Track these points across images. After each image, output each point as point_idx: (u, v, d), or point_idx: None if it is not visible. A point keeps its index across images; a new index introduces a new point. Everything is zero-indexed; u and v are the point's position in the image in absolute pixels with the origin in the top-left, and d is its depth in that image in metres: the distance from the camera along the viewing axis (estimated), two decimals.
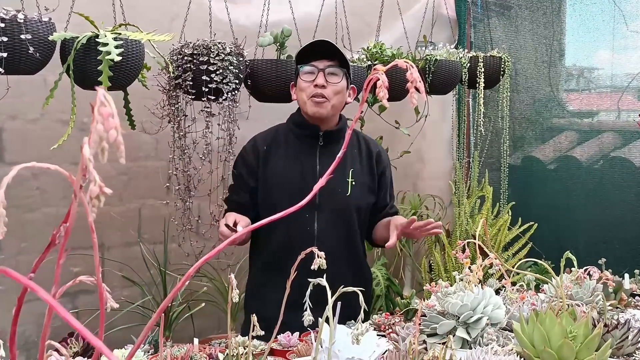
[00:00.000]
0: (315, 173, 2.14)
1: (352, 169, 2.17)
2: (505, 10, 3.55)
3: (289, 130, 2.21)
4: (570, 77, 4.02)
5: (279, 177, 2.14)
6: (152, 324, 0.98)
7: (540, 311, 1.61)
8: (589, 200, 3.38)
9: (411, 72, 0.93)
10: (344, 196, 2.15)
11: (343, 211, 2.16)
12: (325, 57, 2.09)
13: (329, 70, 2.08)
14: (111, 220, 2.71)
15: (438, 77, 2.82)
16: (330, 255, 2.11)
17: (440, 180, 3.57)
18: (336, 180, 2.14)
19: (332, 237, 2.14)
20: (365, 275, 2.30)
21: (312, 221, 2.13)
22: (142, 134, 2.57)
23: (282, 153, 2.17)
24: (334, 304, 2.15)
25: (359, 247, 2.24)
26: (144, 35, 1.83)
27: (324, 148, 2.16)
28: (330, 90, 2.08)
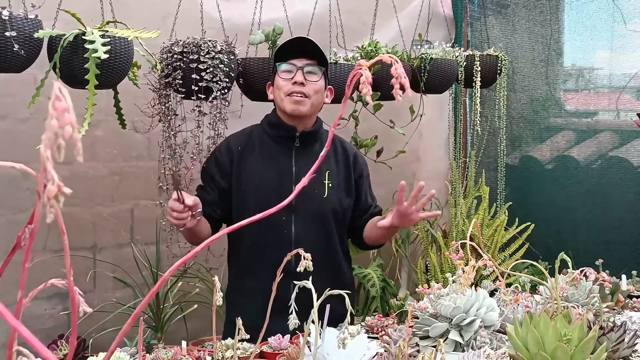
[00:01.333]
0: (291, 175, 2.11)
1: (328, 171, 2.14)
2: (502, 8, 3.52)
3: (264, 131, 2.17)
4: (569, 77, 3.99)
5: (254, 179, 2.10)
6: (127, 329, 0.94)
7: (534, 313, 1.58)
8: (587, 200, 3.35)
9: (395, 68, 0.91)
10: (321, 198, 2.12)
11: (320, 213, 2.13)
12: (304, 56, 2.07)
13: (308, 69, 2.06)
14: (103, 221, 2.68)
15: (434, 76, 2.79)
16: (312, 258, 2.09)
17: (437, 181, 3.54)
18: (312, 181, 2.08)
19: (309, 239, 2.08)
20: (345, 278, 2.24)
21: (288, 224, 2.09)
22: (135, 134, 2.54)
23: (257, 155, 2.13)
24: (321, 307, 2.12)
25: (337, 250, 2.20)
26: (131, 33, 1.80)
27: (300, 149, 2.14)
28: (310, 89, 2.06)
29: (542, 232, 3.19)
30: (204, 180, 2.19)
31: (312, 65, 2.06)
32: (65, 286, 0.83)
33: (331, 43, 2.62)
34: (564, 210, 3.39)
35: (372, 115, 2.87)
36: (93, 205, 2.68)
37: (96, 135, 2.66)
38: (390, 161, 3.41)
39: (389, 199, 3.46)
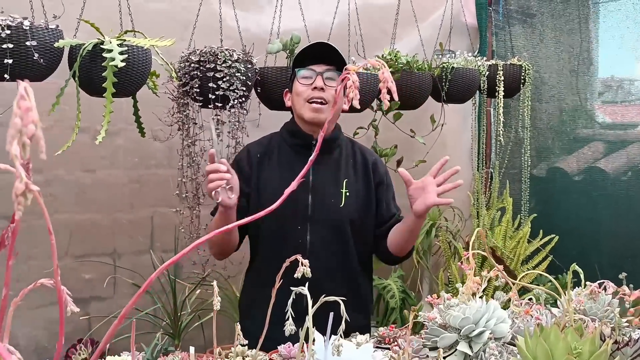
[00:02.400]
0: (307, 184, 2.07)
1: (345, 179, 2.10)
2: (528, 18, 3.48)
3: (282, 139, 2.15)
4: (598, 87, 3.91)
5: (271, 187, 2.08)
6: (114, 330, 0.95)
7: (545, 326, 1.55)
8: (614, 213, 3.27)
9: (382, 72, 0.90)
10: (337, 207, 2.07)
11: (336, 223, 2.09)
12: (323, 62, 2.03)
13: (328, 75, 2.02)
14: (122, 227, 2.72)
15: (455, 85, 2.77)
16: (323, 268, 2.02)
17: (460, 191, 3.48)
18: (330, 191, 2.08)
19: (325, 249, 2.07)
20: (363, 289, 2.20)
21: (304, 233, 2.06)
22: (154, 142, 2.58)
23: (275, 162, 2.11)
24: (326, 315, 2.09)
25: (354, 261, 2.14)
26: (147, 41, 1.83)
27: (318, 158, 2.09)
28: (330, 94, 2.01)
29: (567, 245, 3.13)
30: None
31: (332, 71, 2.02)
32: (53, 286, 0.84)
33: (350, 52, 2.62)
34: (590, 223, 3.32)
35: (394, 124, 2.87)
36: (113, 212, 2.72)
37: (117, 143, 2.71)
38: (413, 171, 3.39)
39: None
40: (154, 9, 2.78)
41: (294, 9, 2.70)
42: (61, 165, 2.62)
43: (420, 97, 2.63)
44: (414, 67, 2.58)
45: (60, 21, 1.97)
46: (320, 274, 2.05)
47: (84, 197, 2.68)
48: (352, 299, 2.16)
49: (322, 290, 1.94)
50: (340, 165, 2.11)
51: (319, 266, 2.05)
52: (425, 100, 2.70)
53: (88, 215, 2.68)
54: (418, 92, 2.62)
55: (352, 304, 2.13)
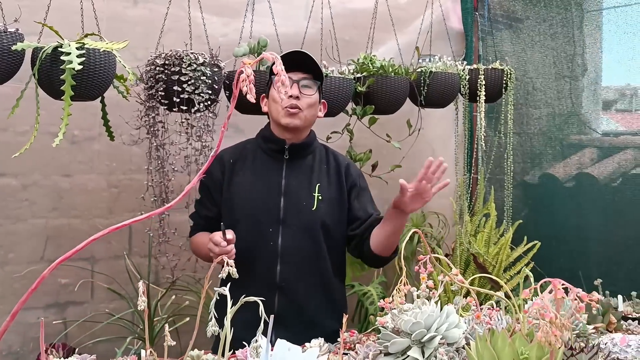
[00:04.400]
0: (280, 188, 2.11)
1: (318, 184, 2.13)
2: (514, 22, 3.44)
3: (258, 145, 2.20)
4: (591, 94, 3.86)
5: (243, 193, 2.12)
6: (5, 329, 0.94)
7: (496, 330, 1.51)
8: (601, 219, 3.21)
9: (276, 65, 0.88)
10: (310, 211, 2.10)
11: (308, 226, 2.10)
12: (300, 70, 2.09)
13: (304, 83, 2.08)
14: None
15: (434, 90, 2.74)
16: (294, 271, 2.09)
17: (448, 198, 3.46)
18: (302, 194, 2.11)
19: (297, 253, 2.09)
20: (335, 293, 2.20)
21: (275, 236, 2.08)
22: (133, 147, 2.58)
23: (248, 168, 2.15)
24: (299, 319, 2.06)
25: (326, 265, 2.15)
26: (104, 45, 1.83)
27: (290, 162, 2.14)
28: (304, 102, 2.08)
29: (552, 251, 3.08)
30: (202, 196, 2.22)
31: (308, 79, 2.09)
32: None
33: (328, 57, 2.61)
34: (577, 229, 3.26)
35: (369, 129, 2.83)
36: (91, 217, 2.73)
37: (95, 148, 2.72)
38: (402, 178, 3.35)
39: None
40: (133, 16, 2.80)
41: (276, 16, 2.70)
42: (38, 170, 2.63)
43: (396, 101, 2.60)
44: (389, 71, 2.56)
45: (25, 26, 1.98)
46: (292, 277, 2.08)
47: (61, 202, 2.68)
48: (325, 303, 2.17)
49: (294, 293, 1.94)
50: (314, 170, 2.15)
51: (290, 269, 2.09)
52: (402, 104, 2.67)
53: (65, 220, 2.69)
54: (394, 97, 2.59)
55: (325, 308, 2.13)
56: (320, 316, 2.11)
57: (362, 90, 2.58)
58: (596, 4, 3.64)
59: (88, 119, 2.59)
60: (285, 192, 2.11)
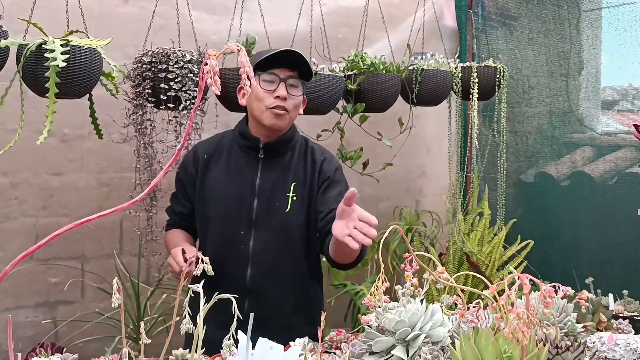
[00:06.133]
0: (254, 188, 2.01)
1: (294, 182, 2.01)
2: (507, 20, 3.42)
3: (234, 139, 2.08)
4: (588, 92, 3.84)
5: (216, 191, 2.02)
6: None
7: (481, 329, 1.50)
8: (595, 218, 3.19)
9: (240, 56, 0.87)
10: (283, 212, 1.99)
11: (281, 228, 2.00)
12: (287, 66, 1.96)
13: (291, 82, 1.96)
14: (91, 231, 2.70)
15: (425, 87, 2.72)
16: (266, 275, 2.00)
17: (441, 197, 3.45)
18: (276, 195, 2.00)
19: (268, 256, 1.99)
20: (310, 294, 2.12)
21: (247, 239, 1.99)
22: (124, 146, 2.57)
23: (223, 164, 2.04)
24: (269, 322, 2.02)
25: (299, 266, 2.06)
26: (88, 42, 1.82)
27: (267, 161, 2.03)
28: (291, 103, 1.97)
29: (546, 250, 3.06)
30: (177, 191, 2.15)
31: (295, 78, 1.97)
32: None
33: (311, 54, 2.60)
34: (571, 228, 3.24)
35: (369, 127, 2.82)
36: (82, 216, 2.68)
37: (86, 146, 2.71)
38: (395, 177, 3.35)
39: (391, 214, 3.40)
40: (123, 13, 2.79)
41: (268, 13, 2.69)
42: (28, 169, 2.62)
43: (387, 99, 2.58)
44: (379, 69, 2.54)
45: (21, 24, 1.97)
46: (262, 280, 2.00)
47: (51, 200, 2.67)
48: (299, 306, 2.08)
49: (264, 297, 1.88)
50: (290, 168, 2.03)
51: (261, 272, 2.00)
52: (393, 102, 2.65)
53: (55, 218, 2.68)
54: (385, 94, 2.57)
55: (300, 311, 2.06)
56: (294, 319, 2.03)
57: (353, 88, 2.57)
58: (593, 2, 3.62)
59: (78, 117, 2.57)
60: (259, 192, 2.01)
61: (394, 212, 3.37)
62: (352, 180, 3.14)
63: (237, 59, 2.03)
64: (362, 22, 2.83)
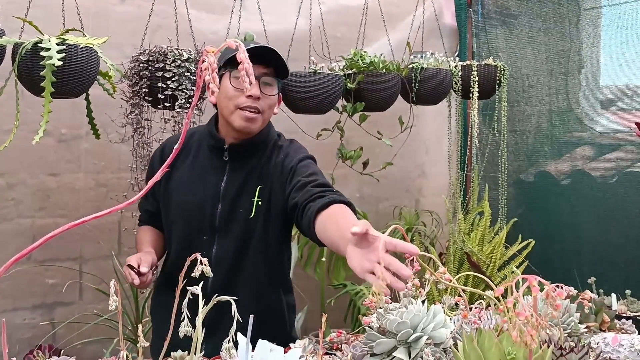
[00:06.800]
0: (218, 192, 1.85)
1: (260, 186, 1.85)
2: (507, 18, 3.41)
3: (204, 137, 1.91)
4: (587, 91, 3.82)
5: (179, 194, 1.89)
6: None
7: (484, 330, 1.48)
8: (596, 217, 3.17)
9: (239, 52, 0.85)
10: (246, 218, 1.84)
11: (244, 236, 1.85)
12: (260, 63, 1.78)
13: (265, 80, 1.80)
14: (88, 232, 2.68)
15: (425, 86, 2.70)
16: (227, 284, 1.87)
17: (441, 196, 3.43)
18: (241, 200, 1.85)
19: (230, 263, 1.86)
20: (275, 304, 1.97)
21: (209, 245, 1.86)
22: (121, 145, 2.55)
23: (189, 165, 1.90)
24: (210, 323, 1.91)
25: (264, 275, 1.92)
26: (85, 40, 1.79)
27: (234, 163, 1.87)
28: (264, 103, 1.80)
29: (547, 250, 3.04)
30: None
31: (269, 76, 1.80)
32: None
33: (310, 53, 2.57)
34: (572, 227, 3.23)
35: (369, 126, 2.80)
36: (79, 217, 2.66)
37: (83, 146, 2.68)
38: (395, 177, 3.33)
39: (391, 214, 3.38)
40: (121, 12, 2.76)
41: (267, 12, 2.67)
42: (24, 169, 2.59)
43: (387, 98, 2.56)
44: (379, 68, 2.52)
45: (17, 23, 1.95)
46: (223, 289, 1.80)
47: (48, 201, 2.65)
48: (260, 312, 1.96)
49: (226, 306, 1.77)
50: (257, 171, 1.87)
51: (223, 280, 1.87)
52: (393, 101, 2.63)
53: (52, 219, 2.66)
54: (384, 93, 2.55)
55: (266, 319, 1.94)
56: (257, 330, 1.86)
57: (352, 86, 2.55)
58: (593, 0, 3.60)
59: (76, 117, 2.55)
60: (223, 197, 1.86)
61: (394, 211, 3.35)
62: (352, 180, 3.14)
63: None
64: (361, 20, 2.81)
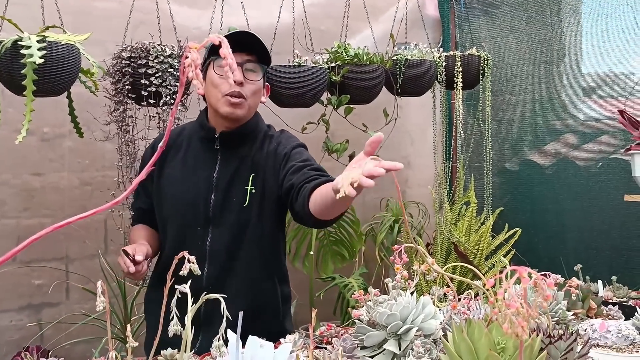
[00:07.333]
0: (211, 183, 1.87)
1: (252, 174, 1.87)
2: (489, 8, 3.41)
3: (194, 131, 1.94)
4: (570, 79, 3.85)
5: (172, 188, 1.90)
6: None
7: (473, 320, 1.48)
8: (580, 205, 3.20)
9: (222, 48, 0.84)
10: (241, 207, 1.85)
11: (239, 224, 1.87)
12: (243, 50, 1.81)
13: (248, 66, 1.82)
14: (74, 231, 2.66)
15: (410, 78, 2.70)
16: (222, 274, 1.89)
17: (427, 187, 3.44)
18: (234, 189, 1.87)
19: (226, 253, 1.87)
20: (267, 292, 1.97)
21: (204, 236, 1.87)
22: (105, 143, 2.53)
23: (180, 159, 1.92)
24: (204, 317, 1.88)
25: (259, 265, 1.93)
26: (66, 37, 1.77)
27: (225, 153, 1.90)
28: (248, 89, 1.83)
29: (533, 238, 3.07)
30: (139, 187, 2.02)
31: (252, 62, 1.83)
32: None
33: (294, 46, 2.56)
34: (557, 216, 3.25)
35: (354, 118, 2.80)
36: (65, 216, 2.64)
37: (66, 145, 2.66)
38: None
39: (377, 205, 3.38)
40: (102, 8, 2.73)
41: (250, 7, 2.65)
42: (8, 169, 2.57)
43: (371, 90, 2.56)
44: (363, 60, 2.52)
45: None
46: (219, 280, 1.88)
47: (32, 201, 2.62)
48: (256, 303, 1.93)
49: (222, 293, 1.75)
50: (249, 160, 1.89)
51: (218, 270, 1.88)
52: (378, 93, 2.63)
53: (37, 219, 2.63)
54: (369, 86, 2.55)
55: (260, 309, 1.94)
56: (251, 320, 1.84)
57: (337, 79, 2.54)
58: None
59: (58, 115, 2.53)
60: (216, 186, 1.88)
61: (381, 203, 3.35)
62: (339, 172, 3.10)
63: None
64: (344, 13, 2.80)
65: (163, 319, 1.30)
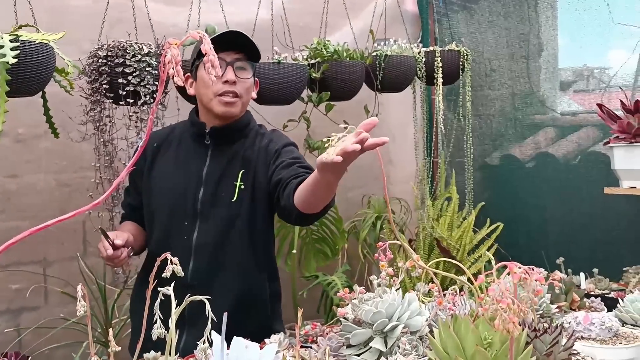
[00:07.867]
0: (200, 178, 1.89)
1: (242, 171, 1.89)
2: (467, 3, 3.42)
3: (185, 129, 1.97)
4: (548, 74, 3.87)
5: (162, 181, 1.92)
6: None
7: (459, 316, 1.48)
8: (560, 198, 3.22)
9: (204, 44, 0.82)
10: (229, 202, 1.87)
11: (227, 220, 1.88)
12: (232, 49, 1.85)
13: (238, 65, 1.86)
14: (52, 234, 2.61)
15: (390, 73, 2.70)
16: (208, 269, 1.89)
17: (409, 183, 3.44)
18: (223, 184, 1.89)
19: (212, 248, 1.88)
20: (255, 288, 1.97)
21: (190, 231, 1.88)
22: (82, 144, 2.48)
23: (171, 155, 1.94)
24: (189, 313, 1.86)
25: (246, 260, 1.93)
26: (40, 36, 1.73)
27: (216, 149, 1.92)
28: (241, 87, 1.86)
29: (514, 232, 3.08)
30: (129, 183, 2.04)
31: (242, 60, 1.86)
32: None
33: (273, 43, 2.54)
34: (537, 209, 3.27)
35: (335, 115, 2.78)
36: (43, 219, 2.59)
37: (42, 146, 2.61)
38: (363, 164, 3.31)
39: (359, 202, 3.38)
40: (77, 7, 2.69)
41: (228, 3, 2.62)
42: None
43: (352, 87, 2.55)
44: (343, 56, 2.50)
45: None
46: (204, 275, 1.88)
47: (8, 204, 2.57)
48: (244, 299, 1.93)
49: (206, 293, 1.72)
50: (240, 156, 1.91)
51: (204, 265, 1.88)
52: (358, 90, 2.62)
53: (14, 222, 2.58)
54: (349, 82, 2.54)
55: (248, 306, 1.94)
56: (238, 317, 1.85)
57: (317, 76, 2.52)
58: None
59: (33, 115, 2.47)
60: (205, 181, 1.90)
61: (363, 200, 3.34)
62: None
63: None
64: (323, 9, 2.78)
65: (147, 320, 1.27)
